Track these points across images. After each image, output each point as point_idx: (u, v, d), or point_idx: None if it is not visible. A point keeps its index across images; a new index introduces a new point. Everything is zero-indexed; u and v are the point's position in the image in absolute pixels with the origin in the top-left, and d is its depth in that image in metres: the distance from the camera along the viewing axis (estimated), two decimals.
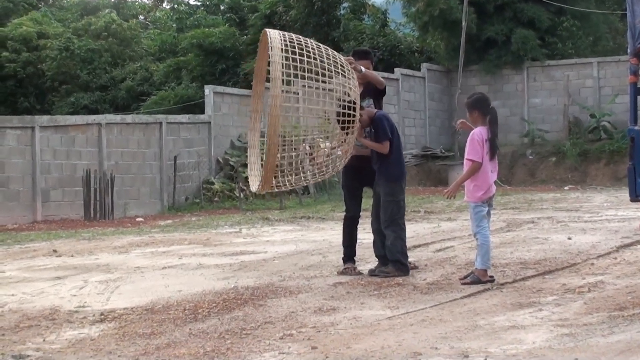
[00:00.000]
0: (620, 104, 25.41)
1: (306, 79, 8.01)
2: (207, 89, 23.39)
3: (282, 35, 8.05)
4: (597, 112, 26.52)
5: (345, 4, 31.18)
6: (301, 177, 8.52)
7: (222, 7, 37.97)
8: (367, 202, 9.21)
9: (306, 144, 8.57)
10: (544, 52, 28.14)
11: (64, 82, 34.22)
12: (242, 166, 21.74)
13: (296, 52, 7.90)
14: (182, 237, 13.45)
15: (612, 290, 7.35)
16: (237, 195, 21.54)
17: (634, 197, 10.85)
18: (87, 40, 34.41)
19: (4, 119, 20.08)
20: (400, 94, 27.31)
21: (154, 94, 32.09)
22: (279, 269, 9.33)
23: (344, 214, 9.05)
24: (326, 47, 8.29)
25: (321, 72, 8.01)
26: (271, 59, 7.78)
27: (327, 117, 8.44)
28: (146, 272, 9.51)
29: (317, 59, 7.99)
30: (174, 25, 38.99)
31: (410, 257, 8.84)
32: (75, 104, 32.91)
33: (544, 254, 9.58)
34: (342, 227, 9.03)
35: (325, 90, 8.21)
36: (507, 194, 20.47)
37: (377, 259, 8.71)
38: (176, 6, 41.46)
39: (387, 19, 32.05)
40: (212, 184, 22.32)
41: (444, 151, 27.71)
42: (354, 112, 8.07)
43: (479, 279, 7.80)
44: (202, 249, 11.71)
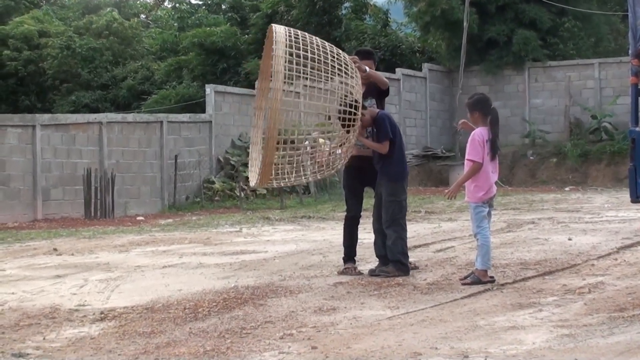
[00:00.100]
0: (621, 105, 25.41)
1: (308, 75, 7.99)
2: (208, 88, 23.38)
3: (288, 30, 8.03)
4: (598, 113, 26.49)
5: (346, 4, 31.14)
6: (301, 175, 8.51)
7: (223, 7, 37.96)
8: (368, 202, 9.21)
9: (308, 142, 8.56)
10: (545, 53, 28.11)
11: (65, 81, 34.20)
12: (242, 165, 21.74)
13: (300, 48, 7.88)
14: (182, 236, 13.45)
15: (612, 291, 7.35)
16: (238, 194, 21.54)
17: (635, 198, 10.81)
18: (88, 38, 34.39)
19: (5, 117, 20.09)
20: (401, 94, 27.29)
21: (155, 93, 32.06)
22: (279, 269, 9.33)
23: (345, 213, 9.05)
24: (331, 45, 8.27)
25: (324, 69, 7.99)
26: (274, 52, 7.77)
27: (328, 115, 8.42)
28: (146, 271, 9.51)
29: (321, 56, 7.98)
30: (175, 24, 38.99)
31: (410, 257, 8.84)
32: (76, 102, 32.88)
33: (545, 255, 9.58)
34: (342, 226, 9.03)
35: (328, 88, 8.19)
36: (507, 194, 20.47)
37: (377, 259, 8.71)
38: (177, 5, 41.48)
39: (389, 19, 32.08)
40: (213, 183, 22.32)
41: (444, 151, 27.68)
42: (356, 111, 8.06)
43: (479, 279, 7.80)
44: (202, 248, 11.71)
